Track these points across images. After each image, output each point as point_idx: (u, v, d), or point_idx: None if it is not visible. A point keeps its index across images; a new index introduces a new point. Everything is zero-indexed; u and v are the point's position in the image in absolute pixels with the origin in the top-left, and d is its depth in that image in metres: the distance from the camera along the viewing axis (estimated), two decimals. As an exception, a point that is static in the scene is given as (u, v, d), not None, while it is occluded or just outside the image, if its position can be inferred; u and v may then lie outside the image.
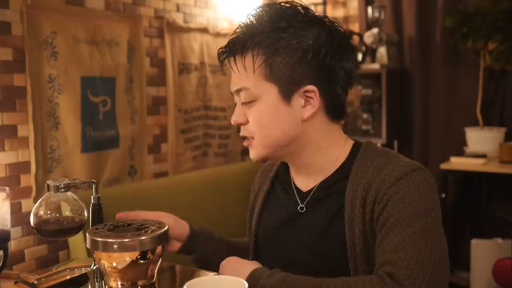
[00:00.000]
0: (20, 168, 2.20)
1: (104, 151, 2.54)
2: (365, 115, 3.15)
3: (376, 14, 3.13)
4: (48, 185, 1.06)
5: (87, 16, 2.44)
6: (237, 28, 1.04)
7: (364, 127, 3.15)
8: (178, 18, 2.97)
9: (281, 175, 1.16)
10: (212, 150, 3.25)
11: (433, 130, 3.21)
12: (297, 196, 1.08)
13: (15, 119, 2.17)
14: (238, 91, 1.03)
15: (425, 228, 0.89)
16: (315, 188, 1.05)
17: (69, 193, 1.08)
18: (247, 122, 1.03)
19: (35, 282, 1.02)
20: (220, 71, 3.28)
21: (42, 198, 1.08)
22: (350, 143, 1.07)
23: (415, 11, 3.18)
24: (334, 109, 1.04)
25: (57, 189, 1.05)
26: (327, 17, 1.04)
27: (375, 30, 3.09)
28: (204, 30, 3.13)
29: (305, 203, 1.06)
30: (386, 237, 0.90)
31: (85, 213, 1.10)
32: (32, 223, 1.07)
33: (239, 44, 1.01)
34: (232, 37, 1.04)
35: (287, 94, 0.99)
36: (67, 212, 1.09)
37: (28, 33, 2.17)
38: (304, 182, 1.08)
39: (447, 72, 3.11)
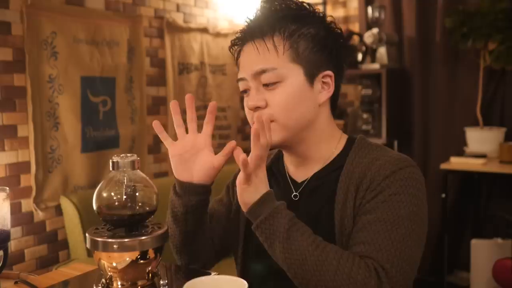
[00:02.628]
0: (20, 168, 2.20)
1: (104, 151, 2.54)
2: (365, 115, 3.15)
3: (376, 14, 3.13)
4: (115, 163, 0.91)
5: (87, 16, 2.44)
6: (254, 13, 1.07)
7: (364, 127, 3.15)
8: (178, 18, 2.97)
9: (274, 166, 1.18)
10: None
11: (433, 130, 3.21)
12: (292, 185, 1.10)
13: (15, 119, 2.17)
14: (262, 72, 1.02)
15: (409, 229, 0.92)
16: (309, 178, 1.08)
17: (139, 171, 0.95)
18: (266, 106, 1.03)
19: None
20: (220, 71, 3.28)
21: (108, 177, 0.93)
22: (344, 137, 1.11)
23: (415, 11, 3.18)
24: (335, 103, 1.11)
25: (133, 166, 0.93)
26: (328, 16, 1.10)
27: (375, 30, 3.08)
28: (204, 30, 3.13)
29: (299, 191, 1.09)
30: (368, 229, 0.93)
31: (154, 200, 0.96)
32: (94, 206, 0.92)
33: (267, 25, 1.03)
34: (253, 20, 1.06)
35: (311, 77, 1.03)
36: (137, 196, 0.93)
37: (28, 33, 2.17)
38: (300, 173, 1.11)
39: (447, 72, 3.11)
